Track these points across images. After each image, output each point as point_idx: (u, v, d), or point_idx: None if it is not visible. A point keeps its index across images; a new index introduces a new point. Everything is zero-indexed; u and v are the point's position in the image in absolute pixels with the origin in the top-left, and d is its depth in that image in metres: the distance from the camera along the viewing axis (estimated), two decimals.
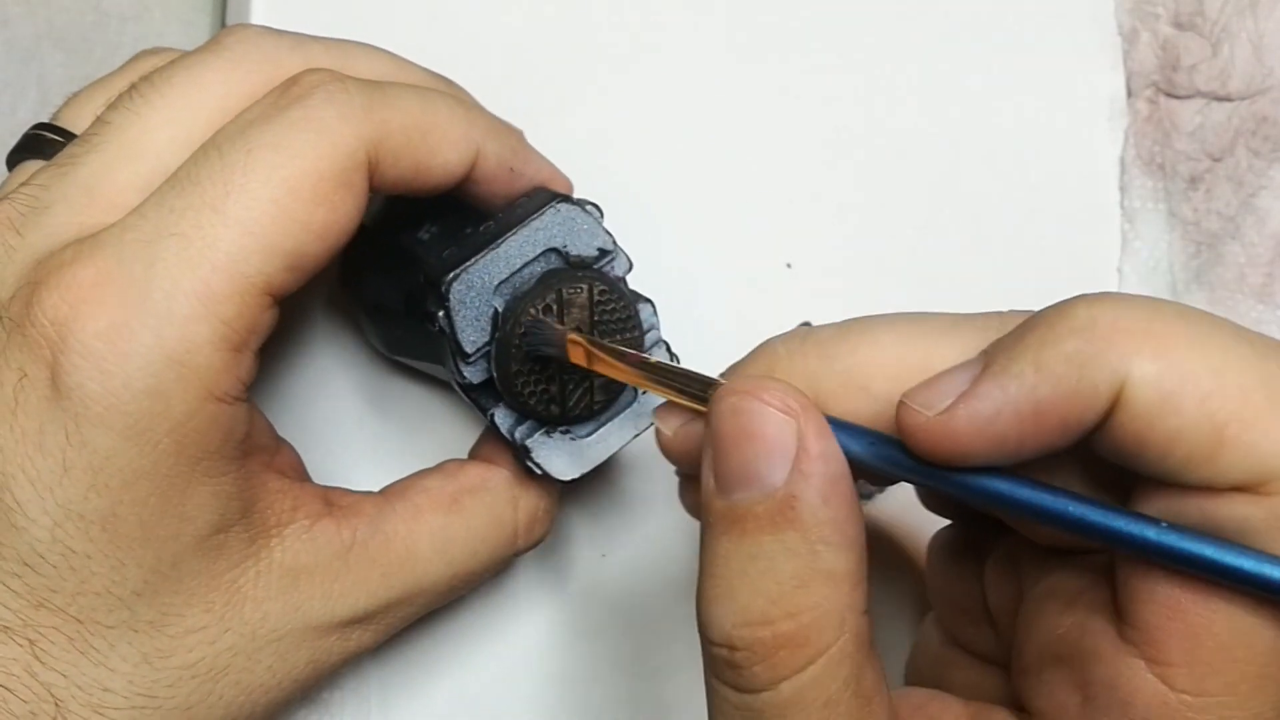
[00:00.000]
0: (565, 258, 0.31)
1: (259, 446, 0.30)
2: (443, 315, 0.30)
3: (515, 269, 0.31)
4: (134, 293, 0.27)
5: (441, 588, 0.32)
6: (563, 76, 0.40)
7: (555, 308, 0.31)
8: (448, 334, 0.30)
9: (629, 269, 0.32)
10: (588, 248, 0.32)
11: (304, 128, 0.28)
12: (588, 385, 0.32)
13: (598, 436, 0.32)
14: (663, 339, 0.33)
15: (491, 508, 0.33)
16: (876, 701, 0.25)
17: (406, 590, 0.31)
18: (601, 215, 0.32)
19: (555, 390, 0.31)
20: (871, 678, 0.25)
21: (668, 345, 0.33)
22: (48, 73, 0.41)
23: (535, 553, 0.34)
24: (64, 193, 0.28)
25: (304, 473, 0.33)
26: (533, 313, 0.30)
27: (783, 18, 0.41)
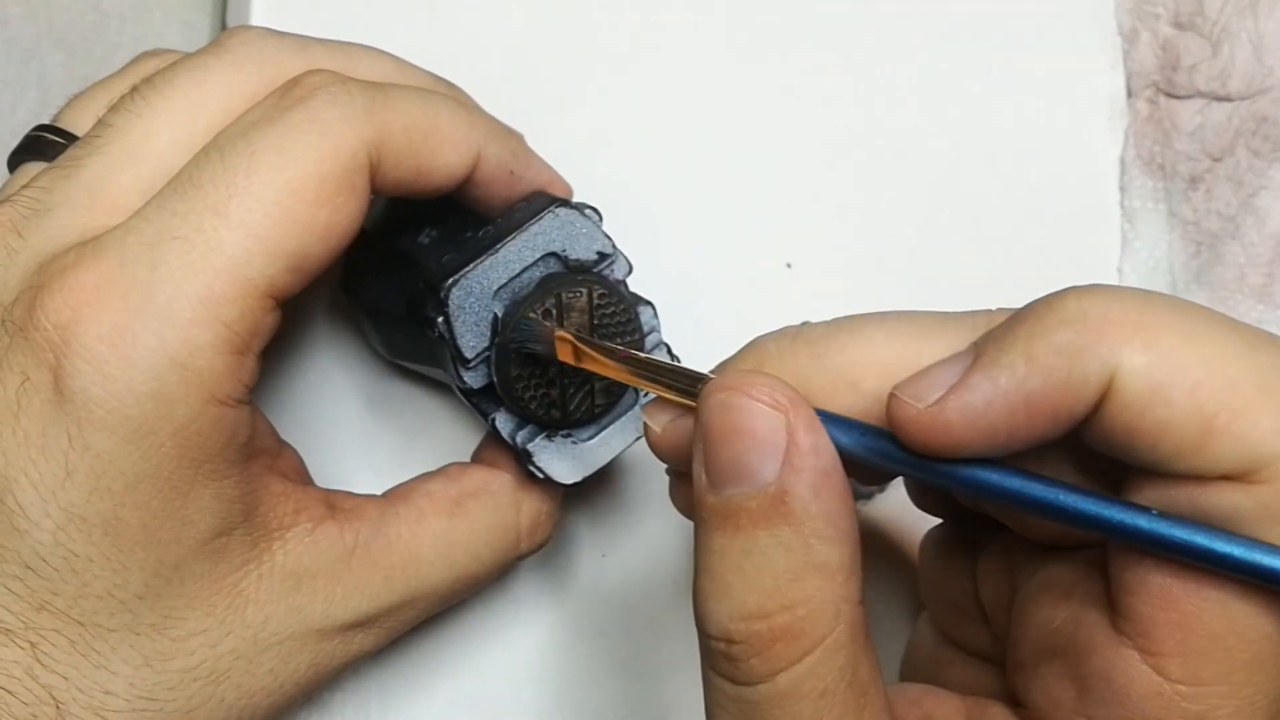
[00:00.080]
0: (564, 262, 0.31)
1: (261, 449, 0.30)
2: (442, 321, 0.30)
3: (514, 274, 0.31)
4: (137, 296, 0.27)
5: (444, 591, 0.32)
6: (563, 76, 0.40)
7: (555, 312, 0.30)
8: (447, 339, 0.30)
9: (629, 272, 0.32)
10: (587, 252, 0.31)
11: (306, 129, 0.28)
12: (588, 389, 0.31)
13: (599, 440, 0.32)
14: (664, 341, 0.33)
15: (494, 511, 0.33)
16: (872, 693, 0.25)
17: (409, 593, 0.31)
18: (600, 219, 0.32)
19: (556, 394, 0.31)
20: (867, 669, 0.25)
21: (669, 347, 0.33)
22: (48, 73, 0.40)
23: (535, 554, 0.34)
24: (66, 195, 0.28)
25: (306, 476, 0.33)
26: (532, 317, 0.30)
27: (783, 18, 0.41)
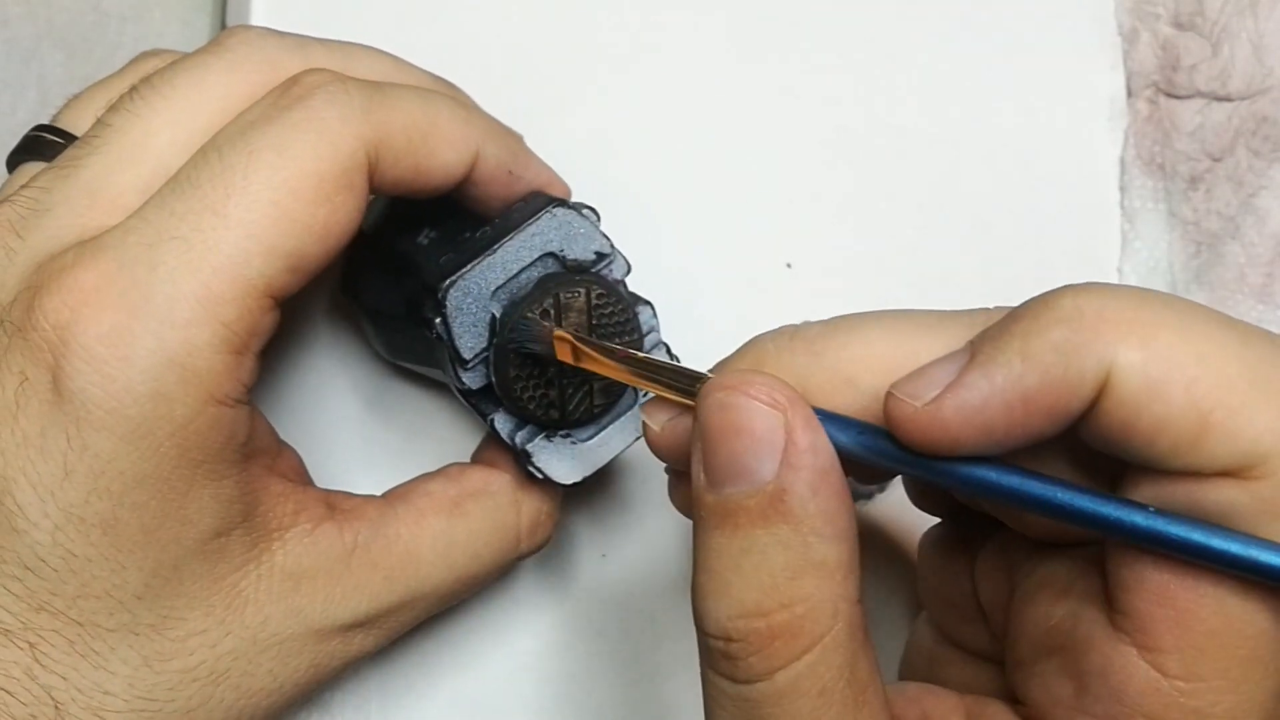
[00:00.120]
0: (562, 262, 0.31)
1: (261, 450, 0.30)
2: (440, 322, 0.30)
3: (512, 274, 0.31)
4: (135, 296, 0.27)
5: (444, 591, 0.32)
6: (563, 76, 0.40)
7: (553, 312, 0.30)
8: (445, 340, 0.30)
9: (627, 272, 0.32)
10: (585, 252, 0.31)
11: (305, 129, 0.28)
12: (587, 389, 0.31)
13: (598, 440, 0.32)
14: (663, 341, 0.33)
15: (494, 511, 0.33)
16: (871, 690, 0.25)
17: (408, 594, 0.31)
18: (598, 219, 0.32)
19: (554, 395, 0.31)
20: (866, 667, 0.25)
21: (668, 347, 0.33)
22: (48, 73, 0.40)
23: (535, 554, 0.34)
24: (65, 195, 0.28)
25: (306, 476, 0.33)
26: (530, 317, 0.30)
27: (783, 18, 0.41)
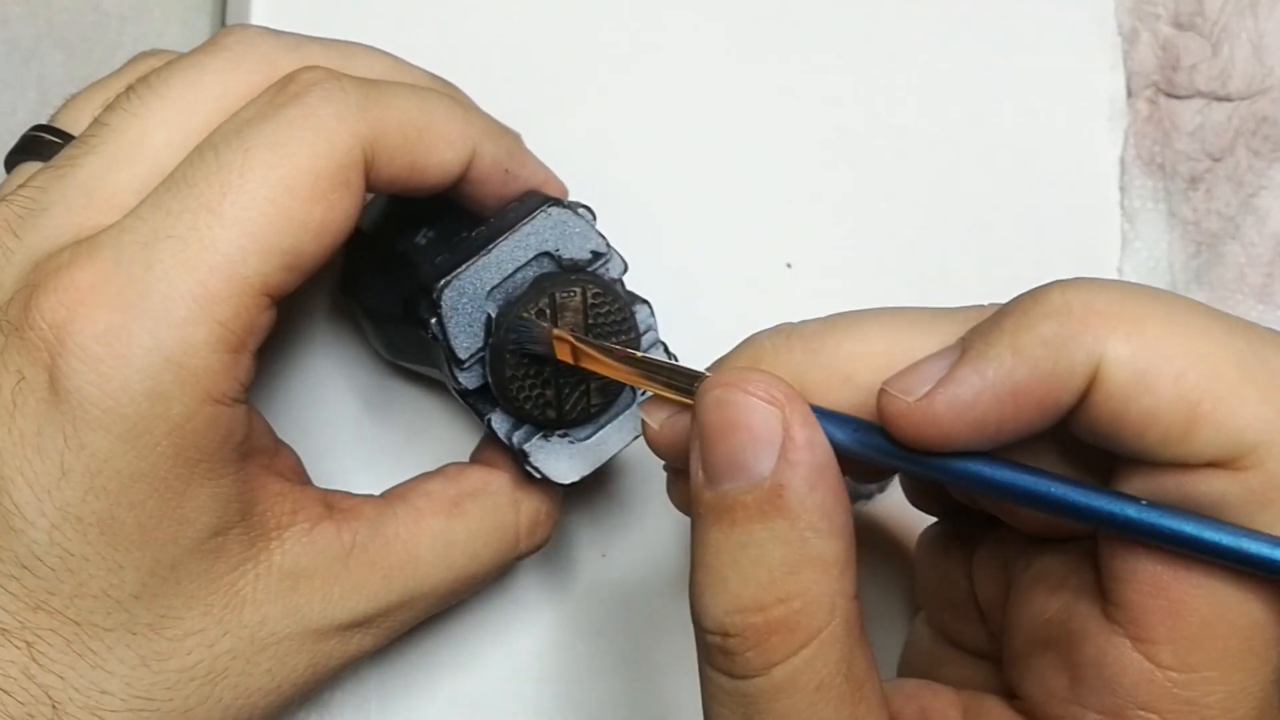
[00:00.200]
0: (558, 261, 0.31)
1: (258, 449, 0.30)
2: (435, 322, 0.30)
3: (507, 274, 0.31)
4: (132, 295, 0.27)
5: (442, 591, 0.32)
6: (563, 76, 0.40)
7: (549, 312, 0.30)
8: (441, 340, 0.30)
9: (624, 271, 0.32)
10: (580, 251, 0.31)
11: (300, 126, 0.28)
12: (584, 389, 0.31)
13: (596, 439, 0.32)
14: (660, 340, 0.33)
15: (493, 511, 0.33)
16: (868, 686, 0.25)
17: (407, 594, 0.31)
18: (594, 218, 0.32)
19: (551, 394, 0.31)
20: (863, 663, 0.25)
21: (665, 346, 0.33)
22: (48, 73, 0.40)
23: (535, 554, 0.34)
24: (62, 194, 0.28)
25: (304, 475, 0.33)
26: (526, 317, 0.30)
27: (783, 18, 0.41)
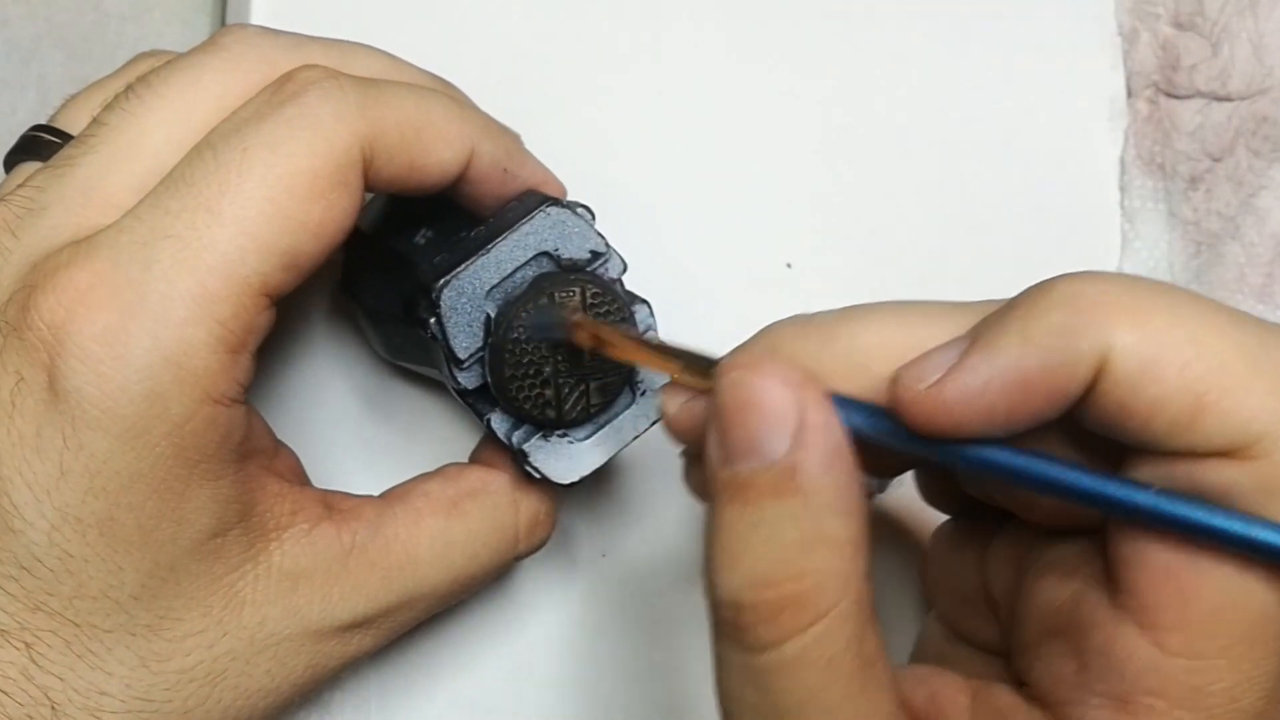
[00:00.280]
0: (557, 261, 0.31)
1: (257, 449, 0.30)
2: (434, 321, 0.30)
3: (506, 274, 0.31)
4: (130, 295, 0.27)
5: (442, 591, 0.32)
6: (563, 76, 0.40)
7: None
8: (440, 340, 0.30)
9: (623, 270, 0.32)
10: (579, 250, 0.31)
11: (299, 125, 0.28)
12: (584, 389, 0.31)
13: (595, 440, 0.32)
14: (660, 340, 0.33)
15: (492, 511, 0.33)
16: (878, 666, 0.26)
17: (406, 594, 0.31)
18: (593, 217, 0.32)
19: (551, 394, 0.31)
20: (873, 642, 0.26)
21: None
22: (47, 73, 0.40)
23: (535, 554, 0.34)
24: (60, 194, 0.28)
25: (303, 476, 0.33)
26: (525, 317, 0.30)
27: (783, 18, 0.41)
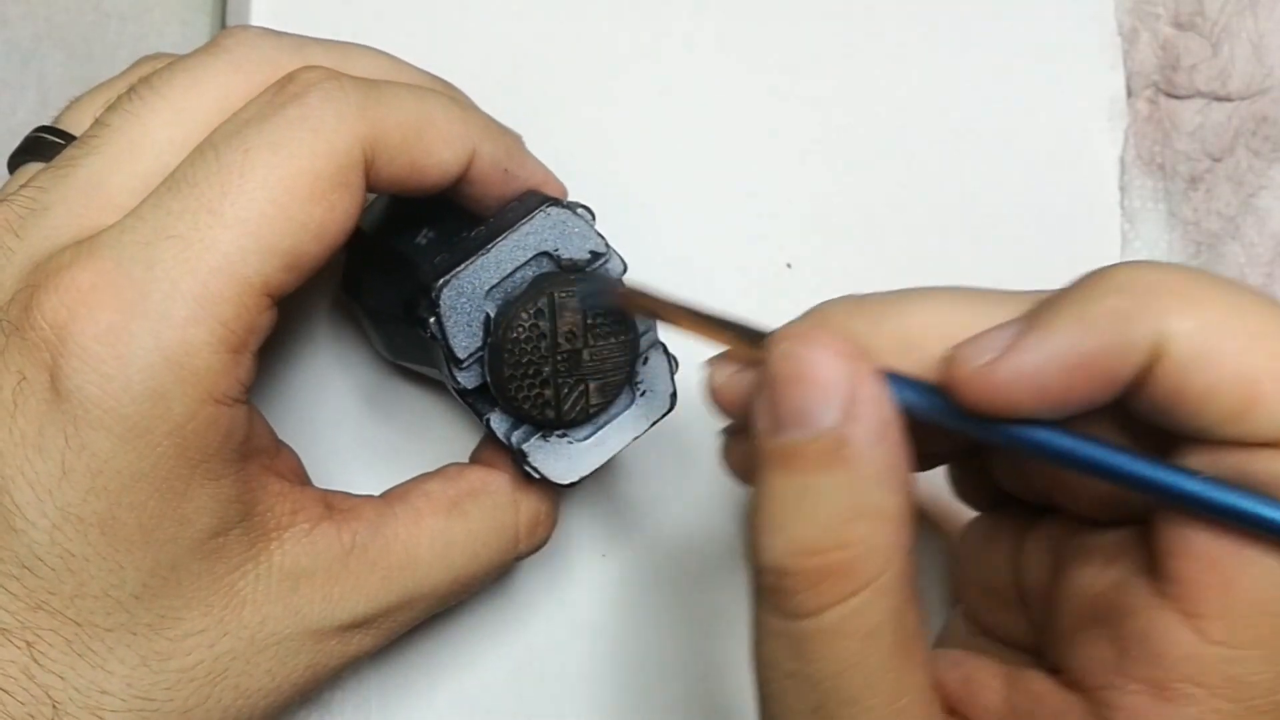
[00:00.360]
0: (557, 261, 0.31)
1: (259, 449, 0.30)
2: (434, 321, 0.30)
3: (506, 274, 0.31)
4: (132, 295, 0.27)
5: (442, 591, 0.32)
6: (563, 76, 0.40)
7: (547, 312, 0.30)
8: (440, 340, 0.30)
9: (623, 271, 0.32)
10: (579, 251, 0.31)
11: (300, 126, 0.28)
12: (583, 389, 0.31)
13: (595, 440, 0.32)
14: (660, 340, 0.33)
15: (493, 511, 0.33)
16: (917, 643, 0.26)
17: (407, 594, 0.31)
18: (593, 218, 0.32)
19: (550, 394, 0.31)
20: (913, 619, 0.26)
21: (665, 347, 0.33)
22: (48, 73, 0.40)
23: (535, 554, 0.34)
24: (63, 195, 0.28)
25: (304, 476, 0.33)
26: (525, 317, 0.30)
27: (782, 18, 0.41)
